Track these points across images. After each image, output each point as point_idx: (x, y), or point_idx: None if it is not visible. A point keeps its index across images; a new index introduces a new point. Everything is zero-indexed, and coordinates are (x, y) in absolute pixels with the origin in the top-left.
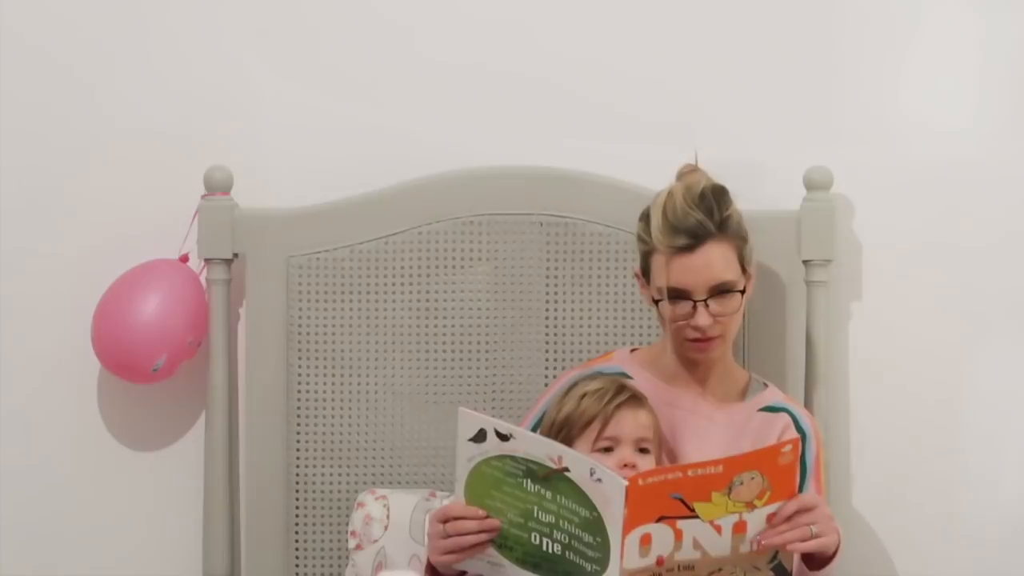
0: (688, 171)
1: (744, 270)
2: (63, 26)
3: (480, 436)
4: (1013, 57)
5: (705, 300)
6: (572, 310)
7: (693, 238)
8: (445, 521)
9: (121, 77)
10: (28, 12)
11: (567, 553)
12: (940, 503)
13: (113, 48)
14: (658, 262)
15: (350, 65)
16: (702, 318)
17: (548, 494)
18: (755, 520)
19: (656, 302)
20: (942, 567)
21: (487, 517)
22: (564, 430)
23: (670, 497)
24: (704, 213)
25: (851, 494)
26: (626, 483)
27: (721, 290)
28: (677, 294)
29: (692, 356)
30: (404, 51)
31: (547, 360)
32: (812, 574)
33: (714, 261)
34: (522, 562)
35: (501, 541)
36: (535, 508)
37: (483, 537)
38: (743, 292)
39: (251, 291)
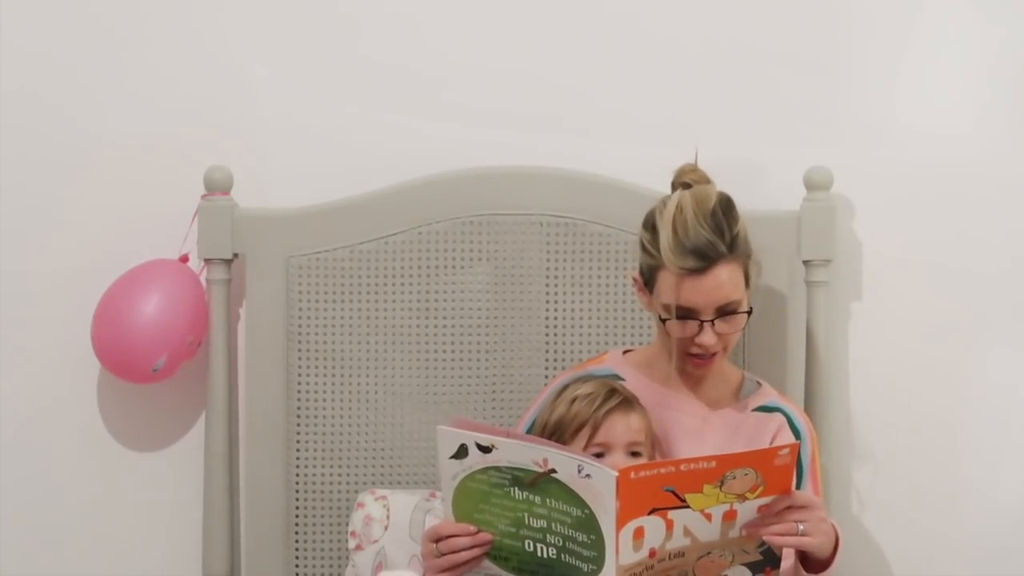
0: (688, 171)
1: (748, 286)
2: (64, 27)
3: (461, 452)
4: (1013, 58)
5: (712, 320)
6: (572, 310)
7: (705, 260)
8: (437, 540)
9: (121, 77)
10: (29, 13)
11: (562, 556)
12: (940, 504)
13: (113, 48)
14: (666, 280)
15: (350, 65)
16: (707, 337)
17: (537, 499)
18: (745, 510)
19: (663, 320)
20: (941, 570)
21: (478, 532)
22: (556, 434)
23: (662, 490)
24: (716, 233)
25: (851, 494)
26: (616, 474)
27: (727, 310)
28: (685, 313)
29: (693, 372)
30: (404, 51)
31: (547, 360)
32: None
33: (723, 281)
34: (518, 571)
35: (495, 553)
36: (525, 515)
37: (476, 552)
38: (750, 313)
39: (251, 291)
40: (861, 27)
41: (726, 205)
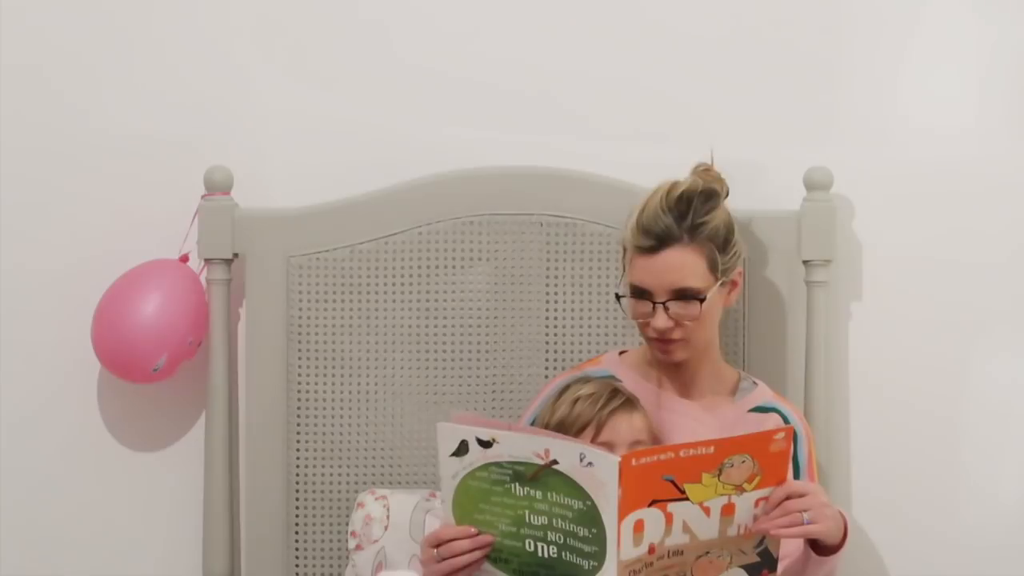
0: (701, 171)
1: (717, 278)
2: (65, 26)
3: (461, 449)
4: (1013, 58)
5: (664, 303)
6: (572, 310)
7: (656, 240)
8: (437, 545)
9: (122, 77)
10: (29, 11)
11: (563, 554)
12: (940, 503)
13: (115, 48)
14: (627, 258)
15: (350, 65)
16: (659, 320)
17: (538, 494)
18: (743, 503)
19: (619, 297)
20: (941, 570)
21: (478, 534)
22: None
23: (662, 479)
24: (674, 218)
25: (850, 494)
26: (618, 460)
27: (683, 295)
28: (639, 293)
29: (657, 356)
30: (405, 51)
31: (547, 360)
32: (819, 559)
33: (675, 266)
34: (519, 573)
35: (496, 555)
36: (526, 512)
37: (477, 555)
38: (702, 301)
39: (251, 291)
40: (861, 27)
41: (703, 195)
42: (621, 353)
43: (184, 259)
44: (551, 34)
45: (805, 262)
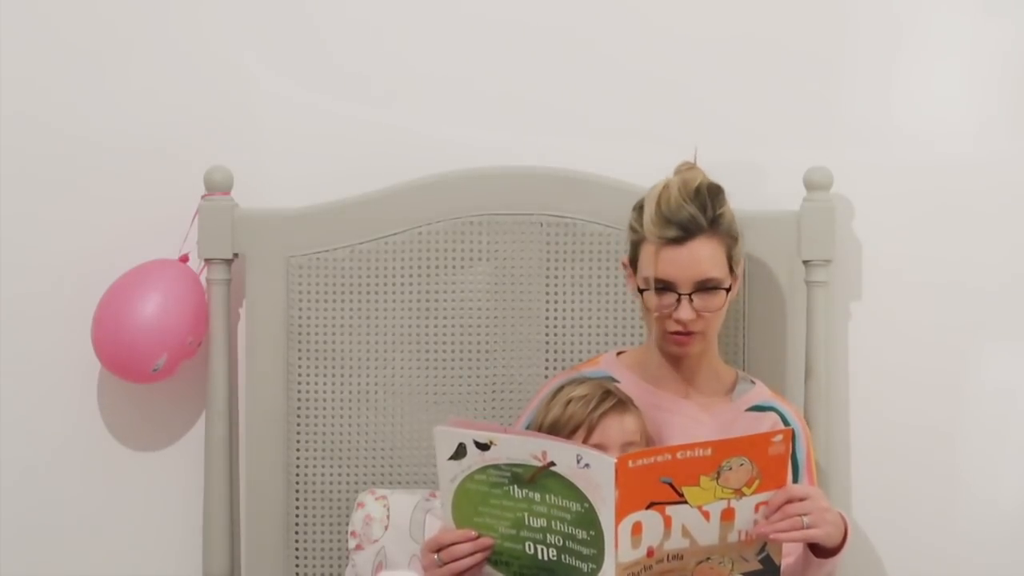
0: (686, 168)
1: (731, 270)
2: (64, 26)
3: (459, 452)
4: (1014, 58)
5: (689, 294)
6: (572, 310)
7: (684, 231)
8: (438, 550)
9: (121, 77)
10: (30, 11)
11: (563, 556)
12: (939, 502)
13: (113, 48)
14: (647, 252)
15: (350, 65)
16: (685, 312)
17: (537, 496)
18: (743, 508)
19: (641, 291)
20: (940, 569)
21: (478, 537)
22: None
23: (660, 481)
24: (698, 208)
25: (850, 494)
26: (614, 460)
27: (706, 286)
28: (663, 285)
29: (671, 350)
30: (404, 51)
31: (547, 360)
32: (819, 562)
33: (702, 256)
34: (519, 575)
35: (496, 557)
36: (525, 515)
37: (478, 558)
38: (728, 290)
39: (251, 291)
40: (862, 27)
41: (713, 188)
42: (619, 354)
43: (184, 259)
44: (551, 35)
45: (805, 262)
